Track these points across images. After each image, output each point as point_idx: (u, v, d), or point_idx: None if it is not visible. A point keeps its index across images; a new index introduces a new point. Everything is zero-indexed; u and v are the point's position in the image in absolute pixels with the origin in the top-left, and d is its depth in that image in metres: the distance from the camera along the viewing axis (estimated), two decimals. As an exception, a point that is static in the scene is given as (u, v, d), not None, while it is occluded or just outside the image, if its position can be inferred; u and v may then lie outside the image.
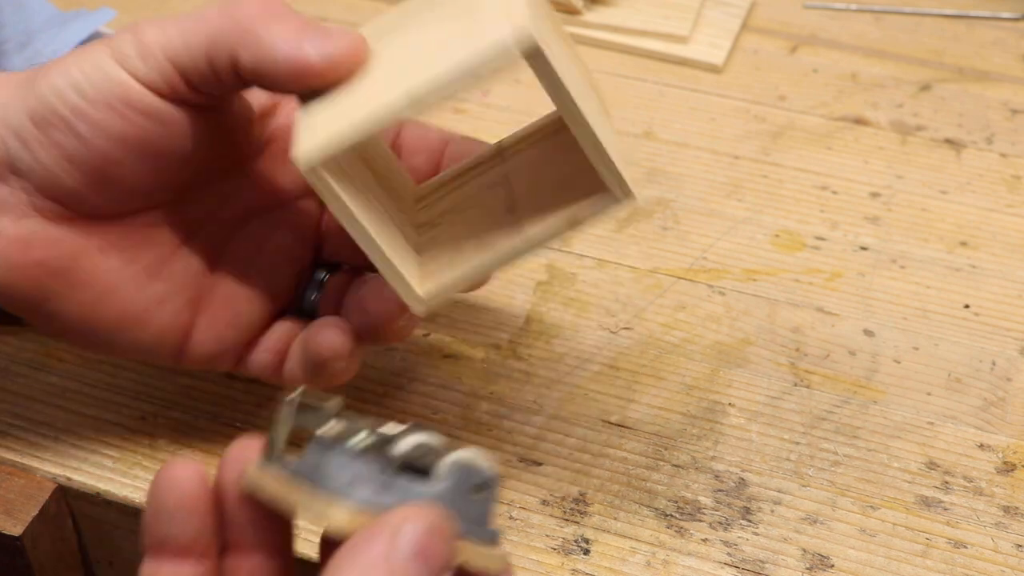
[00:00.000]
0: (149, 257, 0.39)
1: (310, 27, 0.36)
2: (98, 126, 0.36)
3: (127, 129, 0.36)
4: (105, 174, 0.37)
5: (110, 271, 0.38)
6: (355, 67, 0.36)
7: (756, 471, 0.44)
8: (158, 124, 0.36)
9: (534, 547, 0.41)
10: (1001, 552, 0.42)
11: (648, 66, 0.68)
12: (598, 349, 0.49)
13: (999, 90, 0.66)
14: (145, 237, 0.39)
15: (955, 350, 0.50)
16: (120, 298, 0.39)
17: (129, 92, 0.36)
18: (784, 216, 0.57)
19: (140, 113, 0.36)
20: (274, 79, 0.35)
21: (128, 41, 0.36)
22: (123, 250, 0.39)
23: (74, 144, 0.36)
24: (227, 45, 0.35)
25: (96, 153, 0.36)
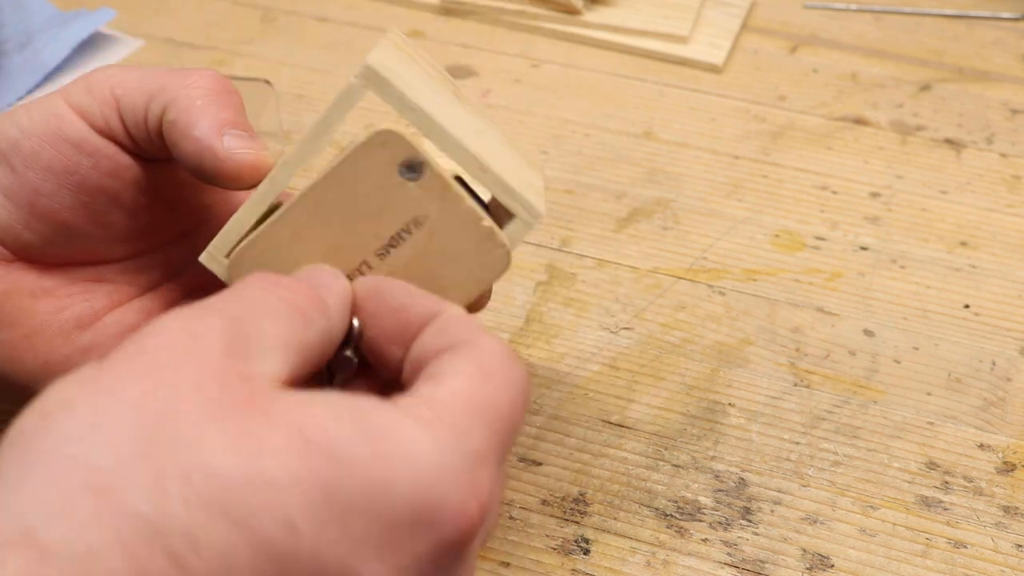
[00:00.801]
0: (82, 308, 0.39)
1: (241, 127, 0.36)
2: (29, 156, 0.36)
3: (55, 159, 0.36)
4: (36, 208, 0.36)
5: (39, 315, 0.38)
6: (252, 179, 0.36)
7: (756, 471, 0.44)
8: (86, 156, 0.36)
9: (534, 547, 0.41)
10: (1001, 552, 0.42)
11: (648, 66, 0.68)
12: (598, 349, 0.49)
13: (999, 90, 0.66)
14: (83, 290, 0.39)
15: (955, 350, 0.50)
16: (45, 343, 0.38)
17: (62, 123, 0.36)
18: (784, 216, 0.57)
19: (69, 144, 0.36)
20: (181, 150, 0.35)
21: (82, 78, 0.37)
22: (58, 298, 0.38)
23: (8, 176, 0.36)
24: (166, 98, 0.36)
25: (26, 185, 0.36)
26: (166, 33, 0.69)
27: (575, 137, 0.62)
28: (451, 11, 0.72)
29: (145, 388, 0.25)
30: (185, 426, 0.25)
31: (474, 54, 0.69)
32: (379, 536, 0.25)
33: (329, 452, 0.25)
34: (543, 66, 0.68)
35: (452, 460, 0.27)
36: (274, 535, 0.24)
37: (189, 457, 0.24)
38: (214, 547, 0.23)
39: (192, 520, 0.23)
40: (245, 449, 0.25)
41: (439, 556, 0.26)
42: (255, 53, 0.68)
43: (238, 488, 0.24)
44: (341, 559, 0.25)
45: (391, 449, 0.26)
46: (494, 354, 0.29)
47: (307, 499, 0.25)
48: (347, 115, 0.34)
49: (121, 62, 0.67)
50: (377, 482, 0.25)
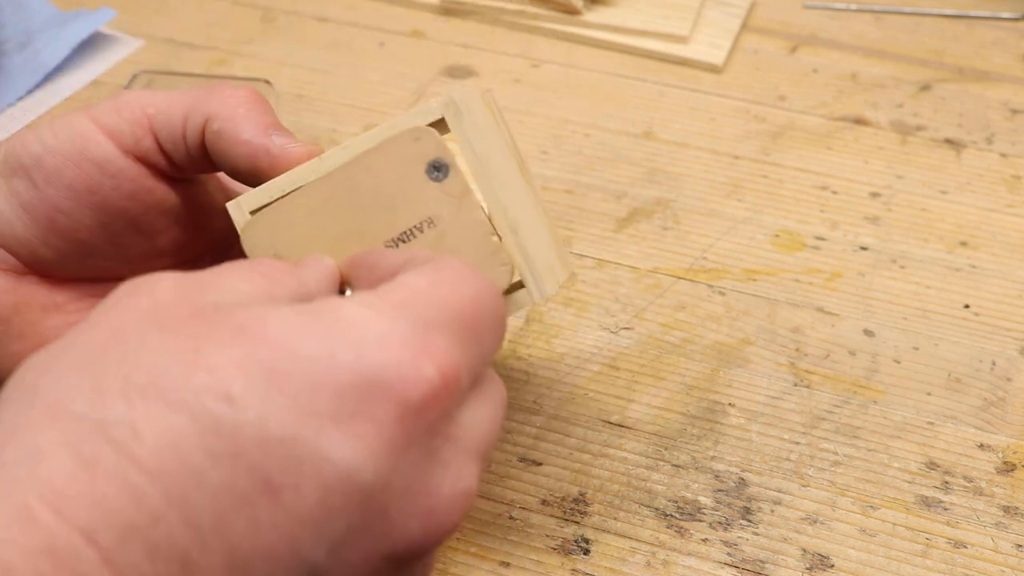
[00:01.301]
0: None
1: (283, 129, 0.37)
2: (51, 173, 0.36)
3: (77, 178, 0.36)
4: (55, 225, 0.37)
5: (49, 329, 0.38)
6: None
7: (756, 471, 0.44)
8: (109, 178, 0.36)
9: (534, 547, 0.41)
10: (1001, 552, 0.42)
11: (648, 66, 0.68)
12: (598, 349, 0.49)
13: (999, 90, 0.66)
14: (94, 304, 0.39)
15: (955, 350, 0.50)
16: None
17: (87, 142, 0.36)
18: (784, 216, 0.57)
19: (93, 164, 0.36)
20: (231, 156, 0.36)
21: (109, 99, 0.37)
22: (68, 313, 0.39)
23: (29, 191, 0.36)
24: (206, 110, 0.36)
25: (46, 201, 0.36)
26: (166, 33, 0.69)
27: (575, 137, 0.62)
28: (451, 11, 0.72)
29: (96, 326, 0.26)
30: (129, 340, 0.26)
31: (474, 54, 0.69)
32: (329, 404, 0.25)
33: (265, 335, 0.25)
34: (543, 66, 0.68)
35: (398, 326, 0.26)
36: (213, 409, 0.24)
37: (130, 361, 0.25)
38: (155, 429, 0.24)
39: (131, 410, 0.24)
40: (184, 346, 0.25)
41: (405, 424, 0.26)
42: (255, 53, 0.68)
43: (174, 376, 0.24)
44: (290, 431, 0.25)
45: (330, 325, 0.26)
46: (452, 263, 0.29)
47: (245, 374, 0.25)
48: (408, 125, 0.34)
49: (121, 62, 0.67)
50: (318, 352, 0.25)
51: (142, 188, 0.37)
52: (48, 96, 0.64)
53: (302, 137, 0.61)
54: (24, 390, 0.26)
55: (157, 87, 0.59)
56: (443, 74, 0.67)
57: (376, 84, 0.66)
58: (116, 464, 0.24)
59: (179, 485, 0.24)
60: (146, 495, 0.24)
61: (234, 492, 0.24)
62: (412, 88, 0.65)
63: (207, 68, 0.66)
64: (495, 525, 0.42)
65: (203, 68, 0.66)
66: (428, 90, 0.65)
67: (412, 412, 0.26)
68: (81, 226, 0.37)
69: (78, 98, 0.64)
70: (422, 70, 0.67)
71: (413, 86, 0.65)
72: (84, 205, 0.37)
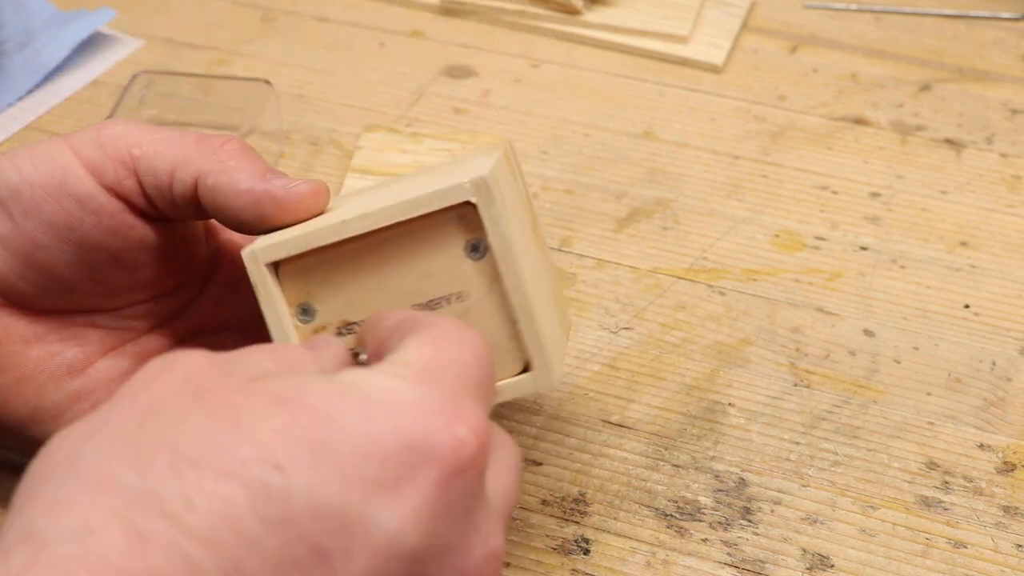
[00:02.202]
0: (74, 354, 0.38)
1: (278, 173, 0.36)
2: (30, 207, 0.35)
3: (56, 213, 0.35)
4: (32, 259, 0.36)
5: (30, 361, 0.38)
6: (316, 207, 0.36)
7: (756, 471, 0.44)
8: (89, 214, 0.36)
9: (534, 547, 0.41)
10: (1001, 552, 0.42)
11: (648, 66, 0.68)
12: (598, 349, 0.49)
13: (999, 90, 0.66)
14: (74, 336, 0.38)
15: (955, 350, 0.50)
16: (36, 389, 0.38)
17: (67, 176, 0.35)
18: (784, 216, 0.57)
19: (73, 199, 0.35)
20: (231, 208, 0.35)
21: (92, 130, 0.36)
22: (48, 344, 0.38)
23: (5, 224, 0.35)
24: (195, 166, 0.35)
25: (24, 235, 0.35)
26: (166, 33, 0.69)
27: (575, 137, 0.62)
28: (451, 11, 0.72)
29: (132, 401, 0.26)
30: (169, 414, 0.26)
31: (474, 54, 0.69)
32: (374, 472, 0.25)
33: (306, 406, 0.26)
34: (543, 66, 0.68)
35: (428, 394, 0.27)
36: (264, 478, 0.24)
37: (174, 433, 0.25)
38: (208, 501, 0.24)
39: (183, 482, 0.24)
40: (224, 417, 0.25)
41: (446, 487, 0.26)
42: (255, 53, 0.68)
43: (221, 447, 0.25)
44: (339, 499, 0.25)
45: (365, 396, 0.26)
46: (446, 325, 0.30)
47: (290, 444, 0.25)
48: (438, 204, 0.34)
49: (121, 62, 0.67)
50: (358, 423, 0.26)
51: (123, 225, 0.36)
52: (48, 96, 0.64)
53: (302, 137, 0.61)
54: (60, 463, 0.25)
55: (157, 87, 0.59)
56: (443, 74, 0.67)
57: (376, 84, 0.66)
58: (170, 536, 0.23)
59: (233, 554, 0.24)
60: (201, 566, 0.24)
61: (287, 558, 0.24)
62: (412, 88, 0.65)
63: (207, 68, 0.66)
64: (495, 525, 0.42)
65: (203, 68, 0.66)
66: (428, 90, 0.65)
67: (452, 475, 0.26)
68: (60, 261, 0.36)
69: (78, 98, 0.64)
70: (422, 70, 0.67)
71: (413, 86, 0.65)
72: (63, 240, 0.36)
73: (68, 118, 0.62)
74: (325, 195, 0.36)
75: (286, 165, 0.59)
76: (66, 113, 0.63)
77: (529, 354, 0.35)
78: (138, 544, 0.23)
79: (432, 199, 0.34)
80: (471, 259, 0.35)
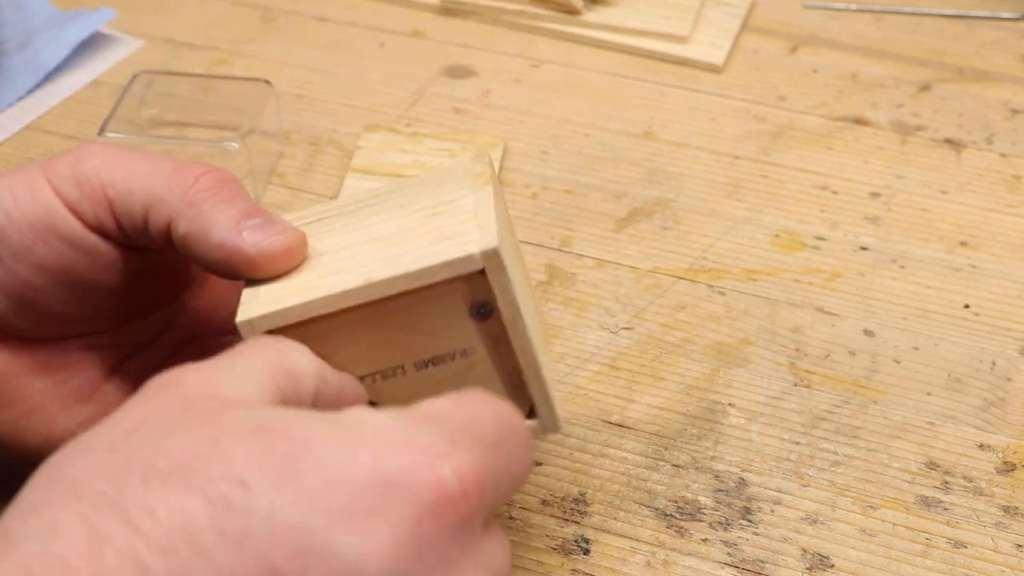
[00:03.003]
0: (80, 380, 0.38)
1: (256, 214, 0.34)
2: (19, 250, 0.34)
3: (48, 256, 0.34)
4: (27, 300, 0.35)
5: (37, 392, 0.37)
6: (289, 265, 0.34)
7: (756, 471, 0.44)
8: (82, 255, 0.35)
9: (534, 547, 0.41)
10: (1001, 552, 0.42)
11: (648, 66, 0.68)
12: (598, 349, 0.49)
13: (999, 90, 0.66)
14: (78, 360, 0.38)
15: (955, 350, 0.50)
16: (46, 419, 0.37)
17: (54, 218, 0.34)
18: (784, 216, 0.57)
19: (63, 241, 0.34)
20: (204, 259, 0.34)
21: (67, 163, 0.35)
22: (53, 372, 0.37)
23: None
24: (167, 208, 0.34)
25: (16, 278, 0.35)
26: (166, 33, 0.69)
27: (575, 137, 0.62)
28: (451, 11, 0.72)
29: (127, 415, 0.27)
30: (154, 430, 0.26)
31: (474, 54, 0.69)
32: (343, 501, 0.25)
33: (288, 435, 0.26)
34: (543, 66, 0.68)
35: (422, 435, 0.26)
36: (226, 493, 0.24)
37: (153, 449, 0.25)
38: (170, 512, 0.24)
39: (149, 492, 0.24)
40: (203, 435, 0.25)
41: (419, 526, 0.25)
42: (255, 53, 0.68)
43: (195, 465, 0.25)
44: (302, 521, 0.25)
45: (356, 431, 0.26)
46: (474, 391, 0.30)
47: (261, 465, 0.25)
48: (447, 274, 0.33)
49: (121, 62, 0.67)
50: (338, 455, 0.25)
51: (115, 260, 0.35)
52: (48, 96, 0.64)
53: (302, 137, 0.61)
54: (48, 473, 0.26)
55: (157, 87, 0.59)
56: (443, 74, 0.67)
57: (376, 84, 0.66)
58: (127, 541, 0.24)
59: (184, 563, 0.24)
60: (150, 571, 0.24)
61: (239, 573, 0.24)
62: (412, 88, 0.65)
63: (207, 68, 0.66)
64: (495, 525, 0.42)
65: (203, 68, 0.66)
66: (428, 90, 0.65)
67: (428, 514, 0.25)
68: (55, 299, 0.35)
69: (78, 98, 0.64)
70: (422, 70, 0.67)
71: (413, 86, 0.65)
72: (57, 282, 0.35)
73: (68, 118, 0.62)
74: (300, 251, 0.35)
75: (286, 165, 0.59)
76: (66, 113, 0.63)
77: (536, 406, 0.35)
78: (96, 546, 0.24)
79: (440, 269, 0.33)
80: (476, 319, 0.34)
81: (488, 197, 0.35)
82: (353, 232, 0.36)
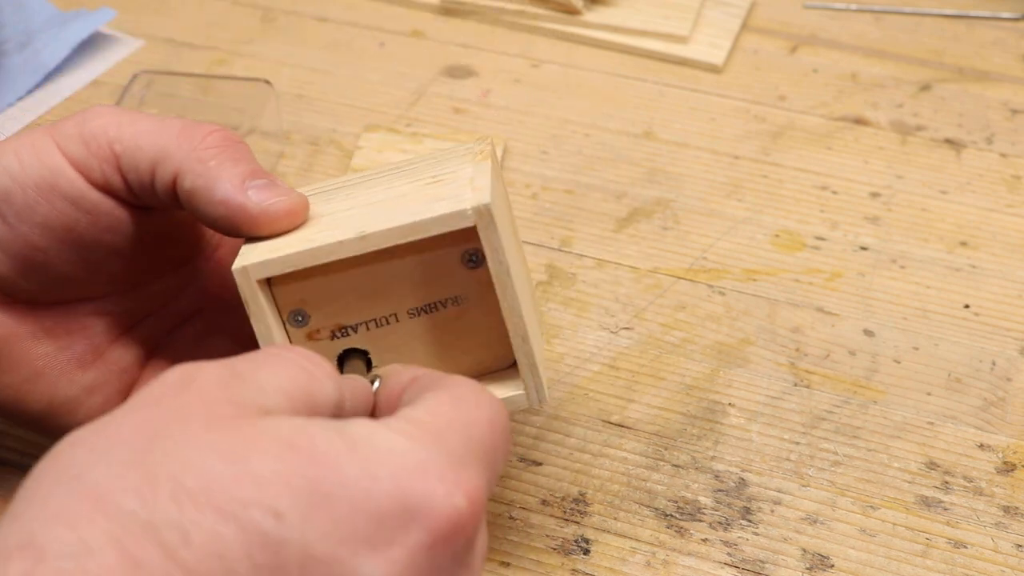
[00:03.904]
0: (83, 346, 0.38)
1: (261, 176, 0.35)
2: (23, 210, 0.35)
3: (52, 215, 0.35)
4: (32, 261, 0.36)
5: (40, 357, 0.37)
6: (291, 225, 0.35)
7: (756, 471, 0.44)
8: (85, 214, 0.35)
9: (534, 547, 0.41)
10: (1001, 552, 0.42)
11: (648, 66, 0.68)
12: (598, 349, 0.49)
13: (999, 90, 0.66)
14: (82, 326, 0.38)
15: (955, 350, 0.50)
16: (49, 384, 0.38)
17: (59, 177, 0.35)
18: (784, 216, 0.57)
19: (67, 200, 0.35)
20: (207, 215, 0.35)
21: (74, 124, 0.35)
22: (57, 337, 0.38)
23: (1, 228, 0.35)
24: (174, 163, 0.34)
25: (21, 238, 0.35)
26: (166, 33, 0.69)
27: (575, 137, 0.62)
28: (451, 11, 0.72)
29: (144, 417, 0.26)
30: (176, 439, 0.26)
31: (474, 54, 0.69)
32: (367, 529, 0.26)
33: (312, 454, 0.26)
34: (543, 66, 0.68)
35: (434, 457, 0.27)
36: (261, 523, 0.25)
37: (179, 462, 0.25)
38: (204, 537, 0.24)
39: (182, 514, 0.24)
40: (232, 453, 0.25)
41: (434, 550, 0.26)
42: (255, 53, 0.68)
43: (225, 484, 0.25)
44: (331, 551, 0.25)
45: (372, 450, 0.27)
46: (465, 385, 0.30)
47: (292, 492, 0.25)
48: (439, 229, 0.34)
49: (121, 62, 0.67)
50: (360, 477, 0.26)
51: (118, 220, 0.36)
52: (48, 96, 0.64)
53: (302, 137, 0.61)
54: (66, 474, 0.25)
55: (157, 87, 0.59)
56: (443, 74, 0.67)
57: (376, 84, 0.66)
58: (162, 566, 0.24)
59: None
60: None
61: None
62: (412, 88, 0.65)
63: (207, 68, 0.66)
64: (495, 525, 0.42)
65: (203, 68, 0.66)
66: (428, 90, 0.65)
67: (441, 541, 0.27)
68: (59, 259, 0.36)
69: (78, 98, 0.64)
70: (422, 70, 0.67)
71: (413, 86, 0.65)
72: (60, 241, 0.35)
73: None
74: (302, 213, 0.36)
75: (286, 165, 0.59)
76: (66, 113, 0.63)
77: (523, 375, 0.36)
78: (131, 569, 0.23)
79: (433, 224, 0.33)
80: (468, 267, 0.35)
81: (486, 169, 0.36)
82: (354, 199, 0.37)
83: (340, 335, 0.36)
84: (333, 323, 0.36)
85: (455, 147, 0.40)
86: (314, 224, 0.35)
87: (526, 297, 0.37)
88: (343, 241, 0.33)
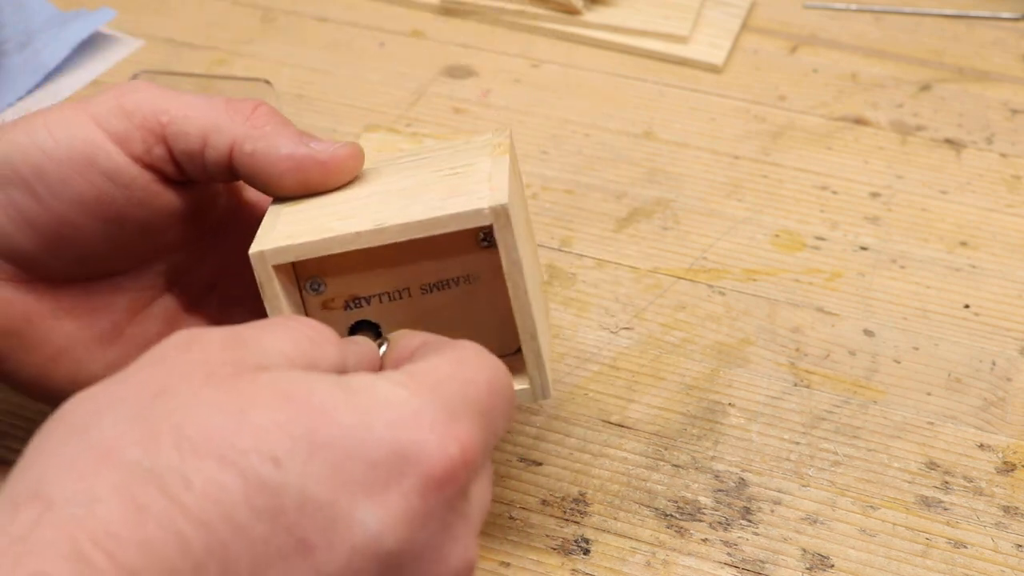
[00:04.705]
0: (105, 323, 0.39)
1: (311, 135, 0.37)
2: (56, 185, 0.35)
3: (86, 190, 0.35)
4: (61, 237, 0.36)
5: (63, 335, 0.38)
6: (355, 171, 0.37)
7: (756, 471, 0.44)
8: (119, 188, 0.35)
9: (534, 547, 0.41)
10: (1001, 552, 0.42)
11: (648, 66, 0.68)
12: (598, 349, 0.49)
13: (999, 90, 0.66)
14: (103, 303, 0.38)
15: (955, 350, 0.50)
16: (72, 362, 0.38)
17: (96, 151, 0.35)
18: (784, 216, 0.57)
19: (102, 174, 0.35)
20: (271, 174, 0.36)
21: (112, 97, 0.36)
22: (78, 315, 0.38)
23: (31, 204, 0.35)
24: (229, 134, 0.36)
25: (53, 214, 0.35)
26: (166, 33, 0.69)
27: (575, 137, 0.62)
28: (451, 11, 0.72)
29: (148, 375, 0.27)
30: (178, 394, 0.27)
31: (474, 54, 0.69)
32: (363, 475, 0.26)
33: (309, 403, 0.27)
34: (543, 66, 0.68)
35: (428, 407, 0.28)
36: (260, 469, 0.25)
37: (181, 415, 0.26)
38: (204, 483, 0.25)
39: (183, 462, 0.25)
40: (232, 404, 0.26)
41: (427, 497, 0.27)
42: (255, 53, 0.68)
43: (225, 434, 0.26)
44: (328, 495, 0.26)
45: (369, 399, 0.27)
46: (470, 347, 0.31)
47: (290, 439, 0.26)
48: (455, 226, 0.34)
49: (121, 62, 0.67)
50: (356, 426, 0.27)
51: (152, 194, 0.36)
52: (48, 96, 0.64)
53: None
54: (74, 428, 0.26)
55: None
56: (443, 74, 0.67)
57: (376, 84, 0.66)
58: (166, 511, 0.25)
59: (221, 537, 0.25)
60: (190, 543, 0.25)
61: (272, 547, 0.26)
62: (412, 88, 0.65)
63: (207, 68, 0.66)
64: (495, 525, 0.42)
65: (203, 68, 0.66)
66: (428, 90, 0.65)
67: (434, 487, 0.27)
68: (88, 235, 0.36)
69: (78, 98, 0.64)
70: (422, 70, 0.67)
71: (413, 86, 0.65)
72: (92, 216, 0.36)
73: (68, 118, 0.62)
74: (362, 157, 0.37)
75: (286, 165, 0.59)
76: (66, 113, 0.63)
77: (528, 368, 0.36)
78: (137, 515, 0.24)
79: (450, 220, 0.34)
80: (482, 245, 0.36)
81: (504, 165, 0.36)
82: (374, 184, 0.38)
83: (353, 306, 0.37)
84: (348, 293, 0.37)
85: (475, 139, 0.41)
86: (332, 209, 0.36)
87: (536, 293, 0.37)
88: (360, 232, 0.34)
